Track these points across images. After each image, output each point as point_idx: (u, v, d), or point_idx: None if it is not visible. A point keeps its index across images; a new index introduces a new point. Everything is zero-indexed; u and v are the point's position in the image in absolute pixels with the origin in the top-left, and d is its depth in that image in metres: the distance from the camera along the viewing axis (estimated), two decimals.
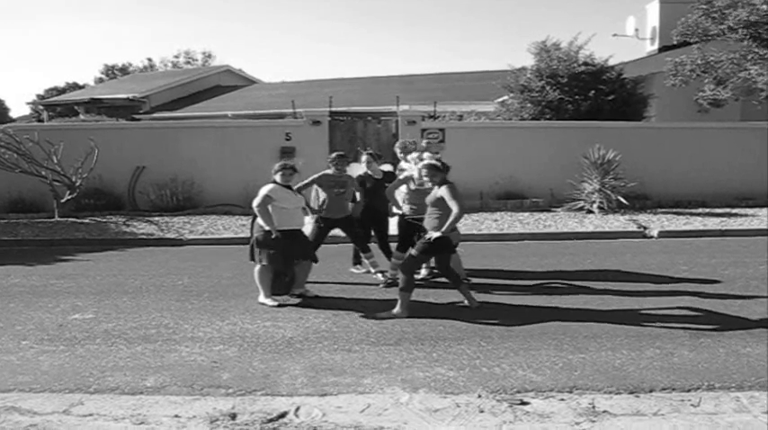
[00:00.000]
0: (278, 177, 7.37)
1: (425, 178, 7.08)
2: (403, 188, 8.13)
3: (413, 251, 7.06)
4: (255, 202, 7.21)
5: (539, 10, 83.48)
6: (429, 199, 7.05)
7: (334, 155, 8.49)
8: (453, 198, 6.71)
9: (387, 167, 9.12)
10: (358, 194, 8.51)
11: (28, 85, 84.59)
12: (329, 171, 8.31)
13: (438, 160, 7.20)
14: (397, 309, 6.77)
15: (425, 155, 8.12)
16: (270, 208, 7.20)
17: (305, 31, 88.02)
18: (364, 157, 8.81)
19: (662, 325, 6.30)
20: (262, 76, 36.92)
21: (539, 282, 8.33)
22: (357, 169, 8.89)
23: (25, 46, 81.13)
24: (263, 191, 7.26)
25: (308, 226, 8.16)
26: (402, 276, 6.93)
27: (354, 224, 8.42)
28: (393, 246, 8.35)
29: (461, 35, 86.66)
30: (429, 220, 6.99)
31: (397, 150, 9.12)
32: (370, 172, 8.65)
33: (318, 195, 8.32)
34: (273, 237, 7.10)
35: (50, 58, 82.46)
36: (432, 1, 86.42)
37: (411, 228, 7.95)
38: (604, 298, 7.41)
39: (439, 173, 6.96)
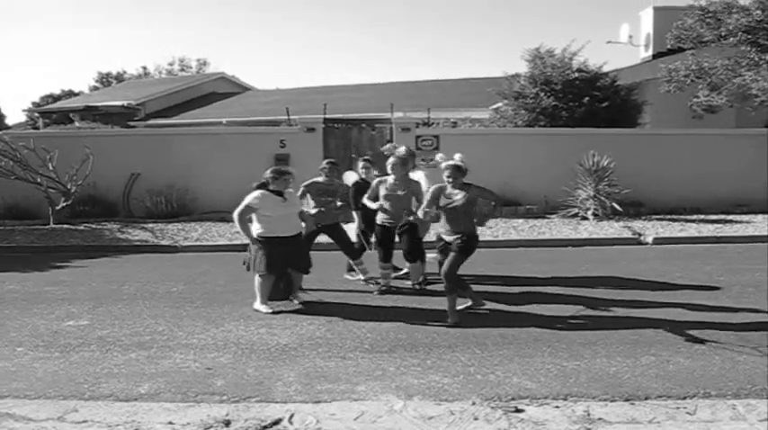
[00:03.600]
0: (272, 184, 7.34)
1: (449, 179, 6.90)
2: (380, 192, 8.06)
3: (453, 254, 6.84)
4: (236, 211, 7.25)
5: (533, 17, 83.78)
6: (455, 203, 6.88)
7: (325, 162, 8.49)
8: (486, 190, 7.03)
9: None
10: (351, 201, 8.49)
11: (23, 92, 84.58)
12: (319, 179, 8.31)
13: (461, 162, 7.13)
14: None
15: (391, 159, 8.06)
16: (255, 216, 7.26)
17: (300, 38, 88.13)
18: (361, 164, 8.81)
19: (657, 332, 6.30)
20: (256, 83, 36.87)
21: (533, 288, 8.33)
22: (352, 176, 8.88)
23: (21, 53, 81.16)
24: (246, 200, 7.29)
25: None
26: (449, 284, 6.86)
27: (342, 231, 8.40)
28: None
29: (456, 42, 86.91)
30: (456, 225, 6.89)
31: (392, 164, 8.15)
32: (367, 178, 8.64)
33: (308, 202, 8.27)
34: (259, 245, 7.21)
35: (45, 66, 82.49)
36: (426, 8, 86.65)
37: (389, 233, 8.04)
38: (599, 305, 7.41)
39: (462, 174, 6.97)
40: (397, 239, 8.11)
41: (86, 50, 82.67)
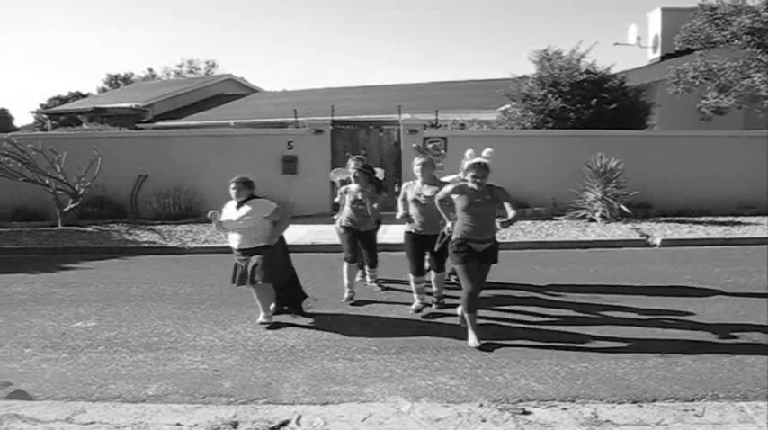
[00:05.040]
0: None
1: (476, 178, 6.35)
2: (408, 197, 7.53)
3: (486, 268, 6.54)
4: None
5: (540, 19, 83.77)
6: (478, 200, 6.36)
7: (352, 170, 8.05)
8: (508, 194, 6.47)
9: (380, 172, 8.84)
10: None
11: (32, 94, 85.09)
12: (352, 186, 8.08)
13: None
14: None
15: (417, 160, 7.51)
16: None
17: (307, 40, 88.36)
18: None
19: (665, 334, 6.29)
20: (264, 85, 36.99)
21: (540, 290, 8.32)
22: (342, 173, 8.66)
23: (29, 56, 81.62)
24: None
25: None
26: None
27: (373, 239, 8.19)
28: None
29: (463, 44, 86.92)
30: (483, 231, 6.41)
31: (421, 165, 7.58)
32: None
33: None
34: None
35: (54, 68, 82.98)
36: (434, 10, 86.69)
37: (419, 242, 7.37)
38: (607, 307, 7.40)
39: (488, 173, 6.44)
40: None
41: (90, 53, 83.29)
